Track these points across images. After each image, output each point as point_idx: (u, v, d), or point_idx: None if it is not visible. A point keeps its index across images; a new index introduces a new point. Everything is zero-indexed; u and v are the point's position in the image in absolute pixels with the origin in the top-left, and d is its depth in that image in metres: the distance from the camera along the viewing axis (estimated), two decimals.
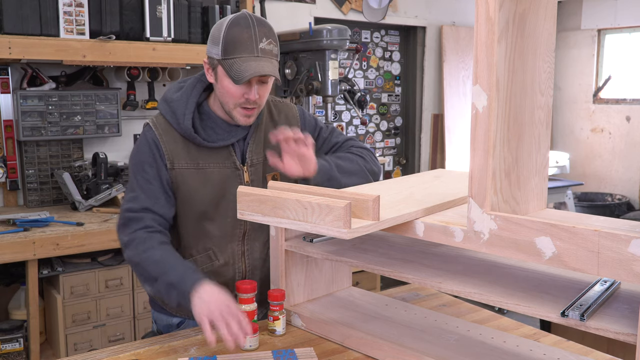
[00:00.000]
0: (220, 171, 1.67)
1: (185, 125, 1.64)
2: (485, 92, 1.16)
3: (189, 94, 1.67)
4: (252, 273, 1.75)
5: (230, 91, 1.59)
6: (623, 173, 5.58)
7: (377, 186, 1.71)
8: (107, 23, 3.04)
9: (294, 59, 3.84)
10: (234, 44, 1.54)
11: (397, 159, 5.32)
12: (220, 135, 1.68)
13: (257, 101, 1.61)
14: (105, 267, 2.87)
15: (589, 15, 5.68)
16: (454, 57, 5.22)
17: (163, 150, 1.64)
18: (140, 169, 1.65)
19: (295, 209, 1.28)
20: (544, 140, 1.33)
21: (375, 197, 1.27)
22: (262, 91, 1.62)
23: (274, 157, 1.62)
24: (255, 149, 1.72)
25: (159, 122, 1.68)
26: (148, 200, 1.63)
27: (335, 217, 1.21)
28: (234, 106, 1.62)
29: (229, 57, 1.55)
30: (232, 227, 1.70)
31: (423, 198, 1.48)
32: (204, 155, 1.66)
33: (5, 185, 3.18)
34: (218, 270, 1.71)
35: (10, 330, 2.77)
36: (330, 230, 1.22)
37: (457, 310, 1.81)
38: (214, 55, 1.59)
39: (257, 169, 1.72)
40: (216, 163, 1.67)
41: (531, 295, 1.24)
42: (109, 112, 3.28)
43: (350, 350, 1.51)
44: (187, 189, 1.66)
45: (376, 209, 1.27)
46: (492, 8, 1.13)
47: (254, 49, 1.55)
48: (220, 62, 1.57)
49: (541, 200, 1.36)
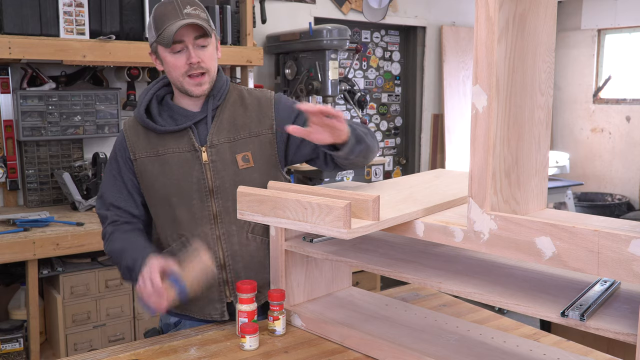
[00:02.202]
0: (179, 155, 1.69)
1: (139, 112, 1.71)
2: (485, 92, 1.16)
3: (150, 88, 1.76)
4: (232, 259, 1.70)
5: (173, 63, 1.65)
6: (623, 173, 5.58)
7: (377, 186, 1.71)
8: (107, 23, 3.05)
9: (294, 59, 3.84)
10: (161, 18, 1.63)
11: (397, 159, 5.32)
12: (179, 120, 1.72)
13: (202, 65, 1.65)
14: (105, 267, 2.87)
15: (589, 15, 5.68)
16: (454, 57, 5.22)
17: (127, 143, 1.72)
18: (109, 165, 1.77)
19: (295, 209, 1.28)
20: (544, 140, 1.33)
21: (376, 197, 1.27)
22: (203, 55, 1.65)
23: (298, 129, 1.52)
24: (217, 131, 1.71)
25: (129, 120, 1.78)
26: (112, 196, 1.74)
27: (335, 218, 1.21)
28: (183, 77, 1.65)
29: (161, 31, 1.62)
30: (199, 209, 1.68)
31: (423, 198, 1.48)
32: (164, 142, 1.70)
33: (5, 185, 3.18)
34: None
35: (10, 330, 2.77)
36: (330, 230, 1.22)
37: (457, 310, 1.81)
38: (152, 39, 1.68)
39: (219, 150, 1.69)
40: (175, 147, 1.70)
41: (531, 295, 1.24)
42: (109, 112, 3.28)
43: (350, 350, 1.51)
44: (148, 177, 1.70)
45: (376, 209, 1.27)
46: (492, 8, 1.13)
47: (178, 14, 1.62)
48: (157, 41, 1.65)
49: (541, 200, 1.36)
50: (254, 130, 1.73)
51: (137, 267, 1.57)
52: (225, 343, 1.55)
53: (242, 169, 1.70)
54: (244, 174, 1.69)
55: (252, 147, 1.72)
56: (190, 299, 1.66)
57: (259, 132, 1.73)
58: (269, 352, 1.50)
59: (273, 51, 4.03)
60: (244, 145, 1.72)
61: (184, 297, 1.51)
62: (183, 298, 1.51)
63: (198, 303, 1.70)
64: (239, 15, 3.60)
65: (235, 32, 3.58)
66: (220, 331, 1.64)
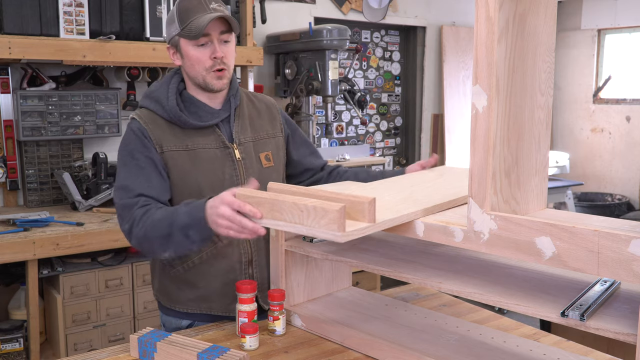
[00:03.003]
0: (210, 151, 1.69)
1: (170, 105, 1.67)
2: (485, 92, 1.16)
3: (168, 82, 1.73)
4: (258, 254, 1.74)
5: (196, 57, 1.65)
6: (623, 173, 5.58)
7: (378, 185, 1.71)
8: (107, 23, 3.04)
9: (294, 59, 3.84)
10: (187, 11, 1.63)
11: (397, 159, 5.32)
12: (204, 117, 1.71)
13: (224, 60, 1.66)
14: (105, 267, 2.87)
15: (589, 15, 5.68)
16: (454, 57, 5.22)
17: (150, 137, 1.66)
18: (129, 158, 1.66)
19: (291, 212, 1.27)
20: (544, 140, 1.33)
21: (371, 199, 1.26)
22: (226, 50, 1.67)
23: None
24: (242, 130, 1.76)
25: (142, 114, 1.71)
26: (140, 186, 1.61)
27: (329, 220, 1.20)
28: (205, 72, 1.66)
29: (186, 24, 1.63)
30: None
31: (423, 198, 1.48)
32: (191, 137, 1.69)
33: (5, 185, 3.18)
34: (222, 251, 1.70)
35: (10, 330, 2.77)
36: (325, 233, 1.21)
37: (457, 310, 1.81)
38: (173, 32, 1.67)
39: (246, 148, 1.75)
40: (205, 143, 1.70)
41: (531, 295, 1.24)
42: (109, 112, 3.27)
43: (350, 350, 1.51)
44: (179, 171, 1.67)
45: (372, 211, 1.26)
46: (492, 8, 1.13)
47: (205, 8, 1.63)
48: (180, 34, 1.65)
49: (541, 200, 1.36)
50: (270, 132, 1.83)
51: (199, 217, 1.43)
52: (225, 343, 1.55)
53: (266, 168, 1.77)
54: (266, 173, 1.75)
55: (271, 148, 1.81)
56: (213, 298, 1.69)
57: (274, 134, 1.84)
58: (269, 352, 1.50)
59: (273, 51, 4.03)
60: (265, 145, 1.80)
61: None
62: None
63: (223, 300, 1.71)
64: (239, 15, 3.60)
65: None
66: (221, 331, 1.64)
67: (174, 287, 1.73)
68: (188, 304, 1.73)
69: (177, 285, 1.73)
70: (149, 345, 1.43)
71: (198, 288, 1.71)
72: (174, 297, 1.74)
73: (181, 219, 1.48)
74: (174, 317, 1.77)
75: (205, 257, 1.69)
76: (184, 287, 1.72)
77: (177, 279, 1.72)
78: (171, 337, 1.46)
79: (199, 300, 1.72)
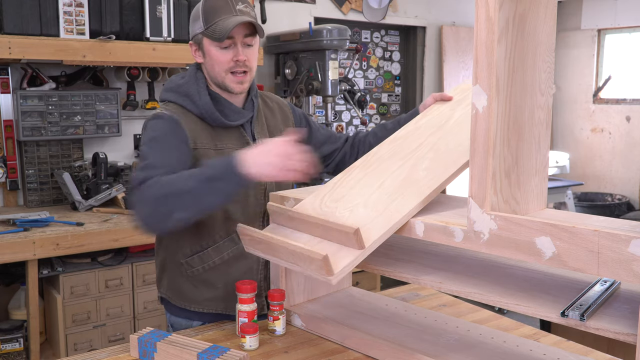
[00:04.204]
0: (235, 151, 1.66)
1: (203, 101, 1.65)
2: (485, 92, 1.16)
3: (195, 77, 1.70)
4: None
5: (218, 58, 1.64)
6: (623, 173, 5.58)
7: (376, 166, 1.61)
8: (107, 23, 3.04)
9: (294, 59, 3.84)
10: (213, 11, 1.61)
11: None
12: (231, 116, 1.70)
13: (247, 63, 1.65)
14: (105, 267, 2.87)
15: (589, 15, 5.68)
16: (454, 57, 5.22)
17: (185, 129, 1.61)
18: (161, 139, 1.56)
19: (285, 254, 1.32)
20: (544, 140, 1.33)
21: (355, 229, 1.26)
22: (249, 53, 1.66)
23: None
24: (261, 130, 1.78)
25: (172, 108, 1.65)
26: (167, 163, 1.52)
27: (317, 267, 1.24)
28: (225, 73, 1.65)
29: (210, 24, 1.61)
30: (254, 206, 1.71)
31: (425, 173, 1.43)
32: (219, 136, 1.68)
33: (5, 185, 3.18)
34: (243, 252, 1.63)
35: (10, 330, 2.77)
36: (318, 275, 1.26)
37: (457, 310, 1.81)
38: (197, 30, 1.65)
39: None
40: (232, 143, 1.69)
41: (531, 295, 1.24)
42: (109, 112, 3.28)
43: (350, 350, 1.51)
44: None
45: (359, 239, 1.28)
46: (492, 8, 1.13)
47: (232, 9, 1.61)
48: (204, 33, 1.63)
49: (541, 200, 1.36)
50: (284, 131, 1.82)
51: (231, 165, 1.40)
52: (225, 343, 1.55)
53: None
54: None
55: None
56: (231, 298, 1.68)
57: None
58: (269, 352, 1.50)
59: (273, 51, 4.03)
60: None
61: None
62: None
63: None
64: None
65: None
66: (221, 331, 1.64)
67: (190, 286, 1.71)
68: (205, 303, 1.71)
69: (194, 285, 1.71)
70: (149, 345, 1.43)
71: (217, 288, 1.70)
72: (189, 296, 1.72)
73: (208, 171, 1.43)
74: (184, 318, 1.75)
75: (227, 257, 1.69)
76: (201, 286, 1.71)
77: (195, 278, 1.70)
78: (171, 337, 1.46)
79: (217, 300, 1.71)
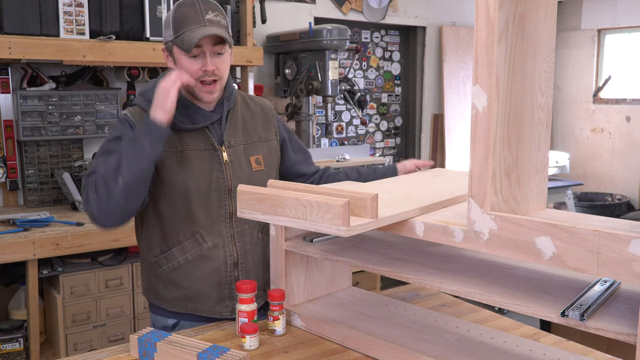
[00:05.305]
0: (198, 153, 1.69)
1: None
2: (485, 92, 1.16)
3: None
4: (244, 257, 1.74)
5: (187, 67, 1.64)
6: (623, 173, 5.58)
7: (376, 185, 1.71)
8: (107, 23, 3.04)
9: (294, 59, 3.84)
10: (182, 20, 1.62)
11: (397, 159, 5.31)
12: (195, 119, 1.71)
13: (216, 72, 1.65)
14: (105, 267, 2.87)
15: (589, 15, 5.68)
16: (454, 57, 5.22)
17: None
18: (117, 140, 1.60)
19: (294, 207, 1.29)
20: (544, 140, 1.33)
21: (374, 195, 1.27)
22: (219, 62, 1.65)
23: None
24: (233, 133, 1.75)
25: (135, 111, 1.70)
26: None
27: (333, 215, 1.21)
28: (195, 82, 1.65)
29: (179, 33, 1.61)
30: (217, 207, 1.70)
31: (421, 197, 1.48)
32: (180, 139, 1.68)
33: (5, 185, 3.18)
34: (207, 253, 1.70)
35: (10, 330, 2.77)
36: (329, 228, 1.23)
37: (457, 310, 1.81)
38: (168, 38, 1.66)
39: (236, 151, 1.74)
40: (194, 145, 1.69)
41: (531, 295, 1.24)
42: (109, 112, 3.27)
43: (350, 350, 1.51)
44: (167, 173, 1.66)
45: (374, 207, 1.27)
46: (492, 8, 1.13)
47: (200, 20, 1.61)
48: (173, 41, 1.64)
49: (541, 200, 1.36)
50: (263, 135, 1.82)
51: (147, 122, 1.54)
52: (225, 343, 1.55)
53: (256, 171, 1.76)
54: (257, 176, 1.74)
55: (262, 151, 1.80)
56: (198, 299, 1.70)
57: (267, 138, 1.83)
58: (269, 352, 1.50)
59: (273, 51, 4.03)
60: (256, 148, 1.79)
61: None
62: None
63: (207, 302, 1.71)
64: (239, 15, 3.60)
65: (235, 32, 3.58)
66: (221, 331, 1.64)
67: (161, 286, 1.74)
68: (174, 302, 1.74)
69: (163, 284, 1.74)
70: (149, 345, 1.43)
71: (182, 288, 1.71)
72: (161, 295, 1.75)
73: (129, 135, 1.57)
74: (160, 316, 1.78)
75: (190, 257, 1.69)
76: (170, 286, 1.73)
77: (163, 278, 1.73)
78: (171, 337, 1.46)
79: (184, 300, 1.72)
